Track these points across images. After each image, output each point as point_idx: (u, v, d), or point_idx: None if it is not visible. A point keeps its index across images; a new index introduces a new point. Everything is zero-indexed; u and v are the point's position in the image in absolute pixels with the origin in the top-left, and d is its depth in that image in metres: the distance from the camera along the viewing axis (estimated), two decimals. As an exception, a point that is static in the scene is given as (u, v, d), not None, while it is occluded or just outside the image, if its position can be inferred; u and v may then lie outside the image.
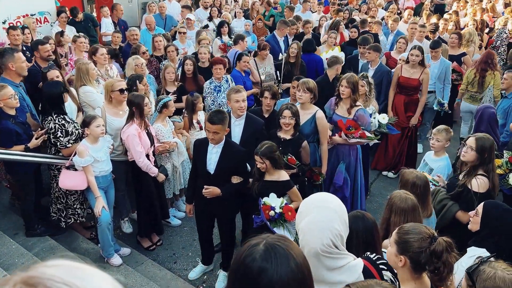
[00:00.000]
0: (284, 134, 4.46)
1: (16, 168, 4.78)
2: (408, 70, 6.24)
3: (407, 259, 2.16)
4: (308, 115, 4.74)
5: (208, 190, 4.12)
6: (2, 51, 4.96)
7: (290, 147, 4.40)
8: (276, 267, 1.32)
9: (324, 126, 4.77)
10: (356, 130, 4.79)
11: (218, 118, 3.94)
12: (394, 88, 6.42)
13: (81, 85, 5.35)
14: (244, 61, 6.46)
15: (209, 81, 6.06)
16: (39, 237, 5.04)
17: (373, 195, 6.37)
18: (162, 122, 5.11)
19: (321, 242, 1.79)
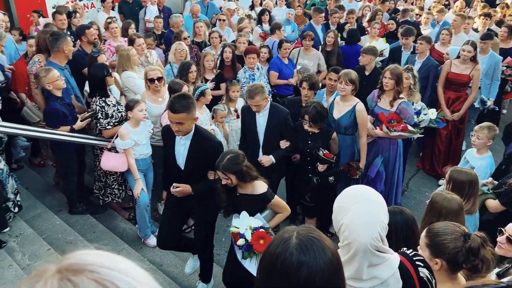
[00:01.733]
0: (311, 128, 4.38)
1: (60, 148, 4.96)
2: (458, 66, 5.93)
3: (443, 261, 2.10)
4: (348, 106, 4.63)
5: (177, 189, 3.66)
6: (57, 35, 5.14)
7: (319, 140, 4.33)
8: (315, 258, 1.30)
9: (364, 119, 4.64)
10: (398, 123, 4.67)
11: (181, 105, 3.34)
12: (443, 85, 6.11)
13: (123, 70, 5.47)
14: (285, 48, 6.41)
15: (243, 70, 6.11)
16: (81, 215, 5.23)
17: (411, 191, 6.21)
18: (199, 110, 5.14)
19: (371, 236, 1.71)
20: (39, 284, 0.64)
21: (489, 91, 6.44)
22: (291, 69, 6.59)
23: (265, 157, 4.43)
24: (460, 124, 6.24)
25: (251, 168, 3.31)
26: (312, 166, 4.42)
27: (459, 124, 6.22)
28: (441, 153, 6.30)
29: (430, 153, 6.48)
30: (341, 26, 8.29)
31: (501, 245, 2.65)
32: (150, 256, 4.64)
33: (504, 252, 2.64)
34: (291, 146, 4.46)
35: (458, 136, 6.31)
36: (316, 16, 8.03)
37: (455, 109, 6.10)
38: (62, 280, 0.64)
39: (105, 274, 0.66)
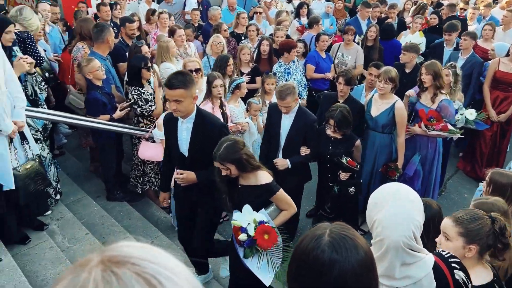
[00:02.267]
0: (334, 133, 4.23)
1: (101, 136, 5.09)
2: (507, 64, 5.64)
3: (477, 247, 2.13)
4: (386, 104, 4.49)
5: (181, 176, 3.43)
6: (101, 26, 5.29)
7: (341, 147, 4.18)
8: (347, 257, 1.28)
9: (403, 117, 4.51)
10: (438, 122, 4.51)
11: (178, 80, 3.11)
12: (489, 84, 5.83)
13: (162, 62, 5.54)
14: (323, 40, 6.33)
15: (278, 64, 6.06)
16: (118, 202, 5.35)
17: (449, 192, 6.02)
18: (234, 103, 5.19)
19: (404, 234, 1.70)
20: (84, 273, 0.66)
21: None
22: (329, 63, 6.52)
23: (281, 160, 4.30)
24: (507, 126, 5.94)
25: (252, 157, 2.99)
26: (332, 174, 4.27)
27: (505, 125, 5.93)
28: (484, 155, 6.05)
29: (472, 154, 6.25)
30: (381, 20, 8.07)
31: None
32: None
33: None
34: (312, 154, 4.29)
35: (504, 138, 6.01)
36: (362, 10, 7.95)
37: (502, 110, 5.80)
38: (105, 271, 0.65)
39: (147, 267, 0.67)
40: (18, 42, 4.68)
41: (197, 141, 3.31)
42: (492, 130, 5.90)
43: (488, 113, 5.62)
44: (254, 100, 5.50)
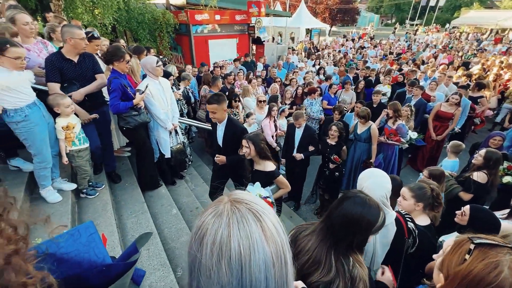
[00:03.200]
0: (331, 141, 3.99)
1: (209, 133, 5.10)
2: (446, 107, 5.35)
3: (422, 204, 2.03)
4: (365, 127, 4.31)
5: (218, 158, 3.06)
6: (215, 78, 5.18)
7: (334, 149, 3.96)
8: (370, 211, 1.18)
9: (375, 134, 4.26)
10: (395, 136, 4.39)
11: (213, 99, 2.79)
12: (432, 117, 5.48)
13: (244, 97, 5.54)
14: (333, 89, 6.25)
15: (306, 100, 5.84)
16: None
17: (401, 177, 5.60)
18: (281, 119, 5.10)
19: (381, 194, 1.61)
20: (220, 206, 0.64)
21: None
22: (335, 101, 6.44)
23: (298, 155, 4.12)
24: (441, 143, 5.56)
25: (267, 149, 2.56)
26: (327, 164, 4.10)
27: (440, 142, 5.55)
28: (424, 158, 5.70)
29: (416, 156, 5.90)
30: (365, 77, 7.88)
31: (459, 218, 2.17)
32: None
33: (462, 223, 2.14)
34: (315, 150, 4.12)
35: (438, 149, 5.62)
36: (351, 72, 7.82)
37: (439, 133, 5.45)
38: (232, 205, 0.64)
39: (253, 206, 0.64)
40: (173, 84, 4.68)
41: (227, 138, 2.97)
42: (432, 144, 5.55)
43: (425, 136, 5.31)
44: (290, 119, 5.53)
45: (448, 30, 27.21)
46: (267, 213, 0.64)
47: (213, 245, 0.59)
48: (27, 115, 2.32)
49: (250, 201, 0.65)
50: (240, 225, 0.60)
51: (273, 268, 0.60)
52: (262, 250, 0.59)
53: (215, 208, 0.64)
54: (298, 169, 4.34)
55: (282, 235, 0.64)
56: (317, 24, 20.50)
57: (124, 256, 1.00)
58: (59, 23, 3.95)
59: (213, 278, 0.58)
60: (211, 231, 0.60)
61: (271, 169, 2.53)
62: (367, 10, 46.66)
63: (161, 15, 9.10)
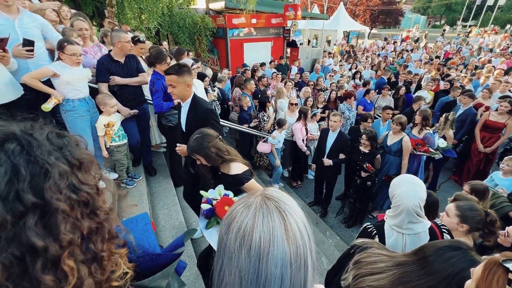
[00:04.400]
0: (364, 149, 3.83)
1: (242, 134, 5.01)
2: (495, 116, 4.83)
3: (467, 227, 1.86)
4: (397, 138, 4.00)
5: (179, 148, 2.35)
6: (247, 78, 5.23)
7: (367, 157, 3.78)
8: None
9: (407, 148, 3.94)
10: (422, 146, 4.05)
11: (172, 68, 2.23)
12: (480, 127, 5.00)
13: (278, 99, 5.50)
14: (370, 94, 5.98)
15: (343, 104, 5.75)
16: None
17: (441, 191, 5.21)
18: (312, 123, 5.04)
19: (413, 203, 1.56)
20: (251, 198, 0.67)
21: None
22: (371, 106, 6.16)
23: (326, 160, 4.04)
24: (491, 155, 5.01)
25: (223, 150, 1.86)
26: (358, 173, 3.92)
27: (490, 155, 5.00)
28: (470, 173, 5.19)
29: (461, 170, 5.40)
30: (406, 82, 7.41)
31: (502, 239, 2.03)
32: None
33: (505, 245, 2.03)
34: (346, 158, 4.00)
35: (489, 163, 5.07)
36: (385, 74, 7.61)
37: (487, 145, 4.93)
38: (262, 200, 0.66)
39: (281, 204, 0.66)
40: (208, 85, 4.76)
41: (190, 120, 2.33)
42: (479, 157, 5.02)
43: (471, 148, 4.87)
44: (323, 123, 5.45)
45: (509, 31, 24.32)
46: (294, 215, 0.65)
47: (238, 232, 0.62)
48: (75, 106, 2.65)
49: (279, 200, 0.67)
50: (265, 220, 0.62)
51: (290, 268, 0.61)
52: (281, 247, 0.61)
53: (247, 199, 0.67)
54: (328, 175, 4.27)
55: (306, 239, 0.65)
56: (356, 27, 19.75)
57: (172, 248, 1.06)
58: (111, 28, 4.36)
59: (233, 261, 0.62)
60: (238, 219, 0.64)
61: (237, 171, 1.84)
62: (413, 11, 43.69)
63: (200, 20, 9.55)
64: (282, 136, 4.69)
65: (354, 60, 10.83)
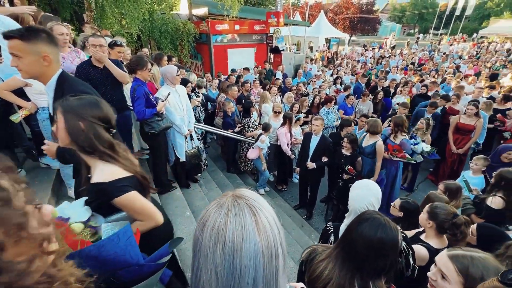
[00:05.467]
0: (345, 152, 3.90)
1: (227, 139, 5.01)
2: (465, 118, 5.13)
3: (434, 223, 1.94)
4: (372, 141, 4.01)
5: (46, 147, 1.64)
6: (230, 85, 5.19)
7: (349, 160, 3.85)
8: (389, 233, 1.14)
9: (380, 151, 3.97)
10: (399, 152, 4.13)
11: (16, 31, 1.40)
12: (452, 130, 5.29)
13: (263, 103, 5.48)
14: (350, 99, 6.12)
15: (323, 109, 5.79)
16: (232, 173, 5.25)
17: (419, 191, 5.42)
18: (296, 128, 5.07)
19: (360, 205, 1.60)
20: (223, 199, 0.69)
21: None
22: (351, 110, 6.34)
23: (310, 163, 4.08)
24: (463, 156, 5.30)
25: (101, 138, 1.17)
26: (341, 175, 3.95)
27: (462, 156, 5.29)
28: (445, 173, 5.44)
29: (437, 171, 5.64)
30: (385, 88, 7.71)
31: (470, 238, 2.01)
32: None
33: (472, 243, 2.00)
34: (329, 161, 4.06)
35: (461, 163, 5.36)
36: (362, 79, 7.85)
37: (460, 146, 5.21)
38: (233, 199, 0.68)
39: (251, 202, 0.68)
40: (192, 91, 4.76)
41: None
42: (453, 158, 5.31)
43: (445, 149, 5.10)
44: (305, 127, 5.45)
45: (475, 40, 26.10)
46: (264, 211, 0.68)
47: (212, 230, 0.65)
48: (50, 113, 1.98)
49: (249, 198, 0.69)
50: (237, 217, 0.65)
51: (262, 258, 0.64)
52: (253, 239, 0.64)
53: (219, 200, 0.69)
54: (312, 178, 4.31)
55: (276, 231, 0.68)
56: (336, 34, 20.46)
57: (157, 257, 1.05)
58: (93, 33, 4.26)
59: (209, 258, 0.64)
60: (212, 218, 0.66)
61: (103, 179, 1.17)
62: (389, 20, 45.84)
63: (183, 25, 9.49)
64: (267, 140, 4.74)
65: (334, 66, 11.19)
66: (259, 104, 5.61)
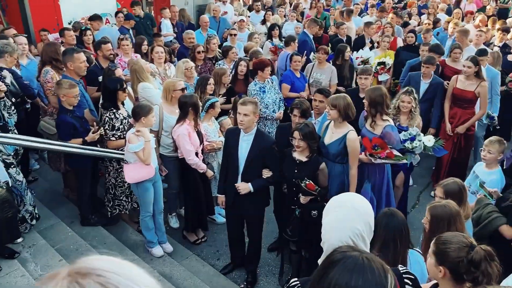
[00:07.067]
0: (299, 156, 4.00)
1: (75, 160, 5.01)
2: (463, 82, 5.76)
3: (446, 270, 2.11)
4: (339, 134, 4.21)
5: None
6: (65, 50, 5.27)
7: (306, 170, 3.94)
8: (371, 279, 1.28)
9: (354, 149, 4.19)
10: (382, 149, 4.27)
11: None
12: (450, 101, 5.95)
13: (140, 82, 5.53)
14: (295, 61, 6.40)
15: (254, 83, 6.05)
16: (93, 226, 5.23)
17: (422, 204, 5.99)
18: (208, 122, 5.19)
19: (340, 240, 1.74)
20: (51, 284, 0.70)
21: (491, 106, 6.20)
22: (303, 83, 6.58)
23: (242, 184, 4.14)
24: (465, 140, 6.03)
25: None
26: (296, 197, 4.03)
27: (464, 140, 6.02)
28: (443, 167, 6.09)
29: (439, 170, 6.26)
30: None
31: None
32: (160, 268, 4.59)
33: None
34: (274, 176, 4.17)
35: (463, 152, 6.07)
36: (312, 27, 8.37)
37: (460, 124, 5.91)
38: (71, 282, 0.70)
39: (111, 278, 0.71)
40: None
41: None
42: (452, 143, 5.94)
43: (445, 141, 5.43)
44: (224, 118, 5.53)
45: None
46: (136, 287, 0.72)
47: None
48: None
49: (105, 271, 0.72)
50: None
51: None
52: None
53: None
54: (249, 211, 4.36)
55: None
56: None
57: None
58: None
59: None
60: None
61: None
62: None
63: None
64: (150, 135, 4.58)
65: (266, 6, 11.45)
66: (132, 84, 5.57)
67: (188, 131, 4.68)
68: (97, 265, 0.74)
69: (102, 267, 0.73)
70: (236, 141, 4.19)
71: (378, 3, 12.39)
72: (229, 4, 11.10)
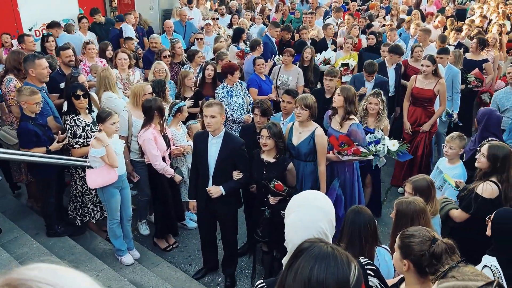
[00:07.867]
0: (267, 157, 4.08)
1: (39, 170, 4.84)
2: (421, 81, 5.94)
3: (410, 263, 2.17)
4: (307, 132, 4.31)
5: None
6: (26, 56, 5.10)
7: (274, 171, 4.01)
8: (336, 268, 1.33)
9: (322, 145, 4.29)
10: (349, 146, 4.41)
11: None
12: (409, 99, 6.12)
13: (104, 91, 5.47)
14: (258, 64, 6.46)
15: (221, 86, 6.04)
16: (59, 237, 5.12)
17: (390, 201, 6.12)
18: (175, 126, 5.17)
19: (304, 239, 1.66)
20: None
21: (452, 103, 6.45)
22: (269, 85, 6.63)
23: (214, 188, 4.16)
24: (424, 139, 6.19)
25: None
26: (265, 198, 4.08)
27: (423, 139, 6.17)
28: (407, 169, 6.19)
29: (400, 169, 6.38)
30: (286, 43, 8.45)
31: None
32: (130, 276, 4.50)
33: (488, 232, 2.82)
34: (245, 178, 4.21)
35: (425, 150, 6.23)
36: (271, 29, 8.45)
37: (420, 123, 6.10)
38: None
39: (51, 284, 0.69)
40: None
41: None
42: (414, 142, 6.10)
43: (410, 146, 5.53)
44: (194, 122, 5.51)
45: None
46: None
47: None
48: None
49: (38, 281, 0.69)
50: None
51: None
52: None
53: None
54: (221, 214, 4.38)
55: None
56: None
57: None
58: None
59: None
60: None
61: None
62: None
63: None
64: (117, 141, 4.61)
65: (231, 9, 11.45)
66: (97, 90, 5.52)
67: (154, 135, 4.67)
68: (30, 275, 0.71)
69: (35, 276, 0.71)
70: (205, 144, 4.19)
71: (342, 5, 12.61)
72: (195, 8, 11.04)
